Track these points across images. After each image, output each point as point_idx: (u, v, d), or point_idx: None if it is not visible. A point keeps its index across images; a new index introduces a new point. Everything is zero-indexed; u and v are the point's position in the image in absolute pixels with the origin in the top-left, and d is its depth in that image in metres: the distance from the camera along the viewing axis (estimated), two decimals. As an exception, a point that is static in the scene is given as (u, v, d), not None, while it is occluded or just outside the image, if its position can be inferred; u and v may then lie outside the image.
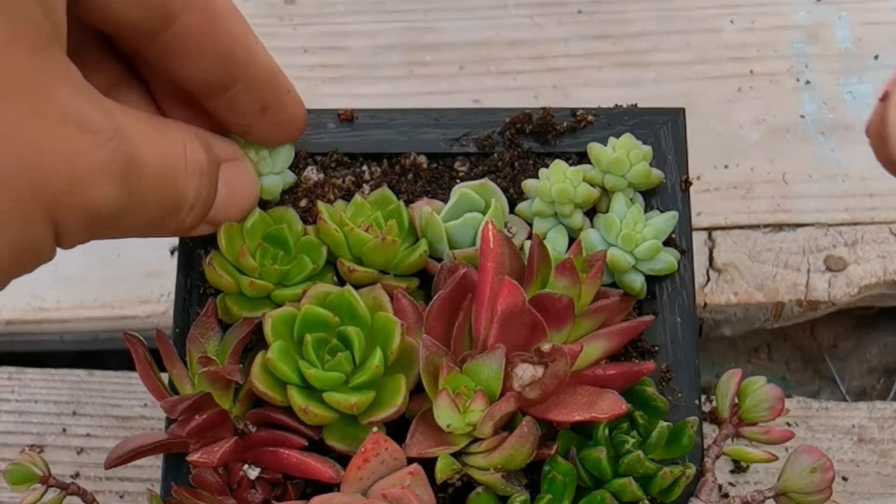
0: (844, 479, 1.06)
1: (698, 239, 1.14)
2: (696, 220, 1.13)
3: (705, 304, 1.12)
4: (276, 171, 0.91)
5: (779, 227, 1.16)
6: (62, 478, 0.85)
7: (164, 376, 0.88)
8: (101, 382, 1.13)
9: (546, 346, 0.76)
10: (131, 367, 1.13)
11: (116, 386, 1.13)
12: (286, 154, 0.91)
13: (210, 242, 0.92)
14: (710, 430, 1.00)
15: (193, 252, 0.92)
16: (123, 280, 1.17)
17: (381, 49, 1.26)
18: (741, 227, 1.17)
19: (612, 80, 1.23)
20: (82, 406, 1.12)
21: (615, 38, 1.26)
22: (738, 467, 1.07)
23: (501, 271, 0.79)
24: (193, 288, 0.92)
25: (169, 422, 0.87)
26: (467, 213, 0.88)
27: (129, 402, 1.12)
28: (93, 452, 1.10)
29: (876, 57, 1.23)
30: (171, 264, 1.14)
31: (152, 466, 1.07)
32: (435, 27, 1.27)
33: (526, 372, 0.77)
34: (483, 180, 0.91)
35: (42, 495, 0.83)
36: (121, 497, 1.07)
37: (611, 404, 0.79)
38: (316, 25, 1.27)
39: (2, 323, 1.15)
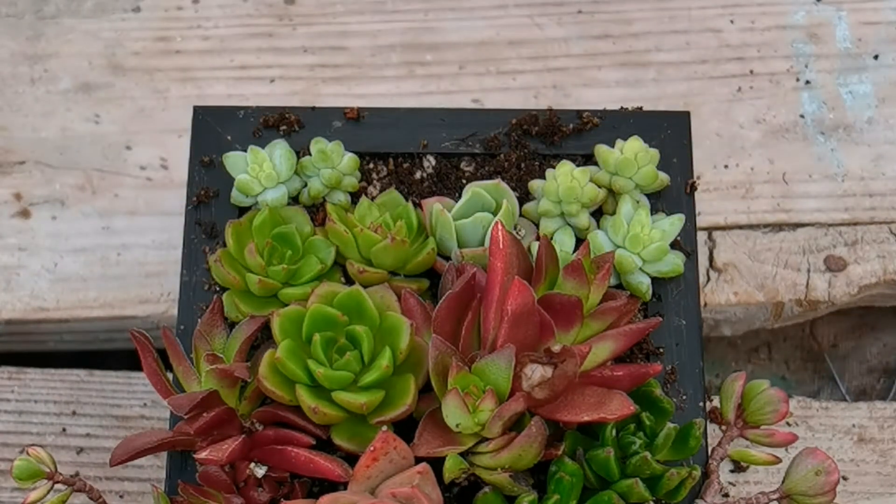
0: (844, 478, 1.07)
1: (698, 239, 1.14)
2: (697, 220, 1.13)
3: (705, 304, 1.12)
4: (282, 181, 0.91)
5: (779, 227, 1.17)
6: (63, 478, 0.84)
7: (169, 376, 0.87)
8: (101, 382, 1.13)
9: (556, 347, 0.76)
10: (131, 367, 1.14)
11: (116, 386, 1.13)
12: (289, 162, 0.91)
13: (215, 239, 0.92)
14: (710, 430, 1.00)
15: (198, 248, 0.92)
16: (123, 280, 1.16)
17: (381, 49, 1.25)
18: (741, 227, 1.17)
19: (612, 80, 1.24)
20: (82, 406, 1.11)
21: (615, 38, 1.26)
22: (738, 467, 1.07)
23: (510, 272, 0.79)
24: (198, 285, 0.92)
25: (173, 421, 0.86)
26: (478, 213, 0.88)
27: (129, 402, 1.12)
28: (93, 452, 1.09)
29: (876, 57, 1.24)
30: (172, 264, 1.14)
31: (152, 466, 1.07)
32: (435, 27, 1.26)
33: (535, 372, 0.77)
34: (497, 181, 0.91)
35: (47, 492, 0.82)
36: (121, 497, 1.07)
37: (619, 405, 0.79)
38: (316, 25, 1.27)
39: (2, 323, 1.14)
